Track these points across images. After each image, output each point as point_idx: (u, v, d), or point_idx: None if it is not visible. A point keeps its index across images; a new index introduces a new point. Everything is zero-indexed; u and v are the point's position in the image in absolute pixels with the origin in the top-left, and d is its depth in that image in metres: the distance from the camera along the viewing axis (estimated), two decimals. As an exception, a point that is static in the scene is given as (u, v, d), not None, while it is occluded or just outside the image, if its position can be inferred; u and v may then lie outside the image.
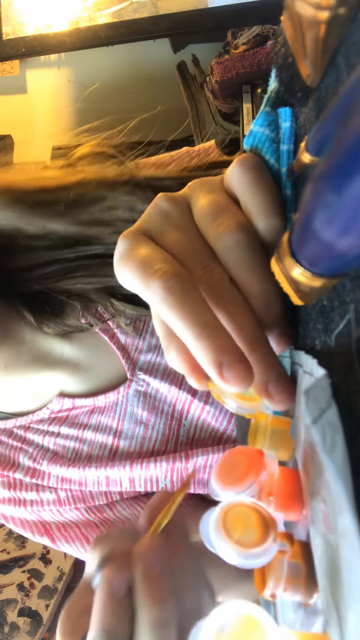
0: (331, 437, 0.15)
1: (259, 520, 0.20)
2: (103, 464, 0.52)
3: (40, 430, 0.54)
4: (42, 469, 0.53)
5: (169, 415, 0.53)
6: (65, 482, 0.53)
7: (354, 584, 0.13)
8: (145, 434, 0.53)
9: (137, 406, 0.53)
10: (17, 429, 0.54)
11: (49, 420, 0.54)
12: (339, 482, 0.14)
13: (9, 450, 0.54)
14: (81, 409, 0.53)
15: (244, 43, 1.08)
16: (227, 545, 0.19)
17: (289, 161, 0.26)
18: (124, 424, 0.53)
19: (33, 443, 0.54)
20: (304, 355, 0.21)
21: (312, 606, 0.19)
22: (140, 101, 1.50)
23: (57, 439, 0.53)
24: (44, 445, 0.54)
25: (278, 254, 0.20)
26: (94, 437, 0.53)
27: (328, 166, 0.14)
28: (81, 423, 0.53)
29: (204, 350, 0.21)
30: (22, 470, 0.53)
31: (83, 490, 0.53)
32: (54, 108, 1.58)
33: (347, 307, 0.18)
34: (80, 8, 1.11)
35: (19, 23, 1.15)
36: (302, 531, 0.21)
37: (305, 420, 0.18)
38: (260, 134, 0.27)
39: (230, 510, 0.20)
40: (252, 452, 0.24)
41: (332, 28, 0.18)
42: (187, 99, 1.25)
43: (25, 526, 0.54)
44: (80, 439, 0.53)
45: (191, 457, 0.51)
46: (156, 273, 0.23)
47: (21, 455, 0.53)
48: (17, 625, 1.02)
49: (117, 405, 0.53)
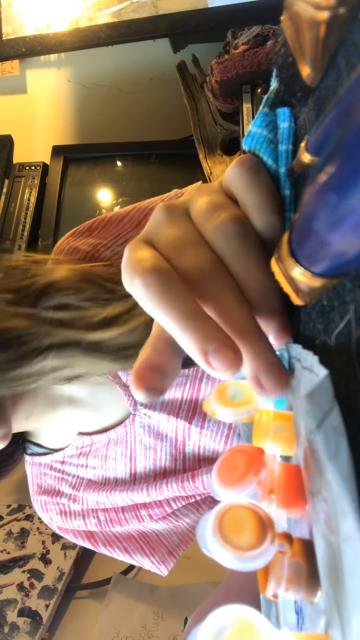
0: (335, 441, 0.15)
1: (256, 522, 0.20)
2: (126, 486, 0.60)
3: (73, 463, 0.63)
4: (80, 495, 0.62)
5: (172, 439, 0.59)
6: (99, 504, 0.62)
7: (359, 590, 0.13)
8: (155, 456, 0.60)
9: (143, 435, 0.59)
10: (55, 463, 0.63)
11: (77, 455, 0.62)
12: (343, 486, 0.14)
13: (54, 480, 0.64)
14: (99, 443, 0.61)
15: (244, 43, 1.08)
16: (223, 550, 0.19)
17: (288, 161, 0.26)
18: (136, 451, 0.60)
19: (70, 474, 0.63)
20: (302, 350, 0.21)
21: (316, 605, 0.19)
22: (141, 101, 1.50)
23: (87, 469, 0.62)
24: (79, 476, 0.63)
25: (278, 254, 0.20)
26: (115, 465, 0.61)
27: (328, 166, 0.14)
28: (102, 454, 0.61)
29: (190, 341, 0.21)
30: (66, 497, 0.62)
31: (117, 509, 0.62)
32: (54, 108, 1.58)
33: (347, 307, 0.18)
34: (80, 8, 1.11)
35: (19, 23, 1.15)
36: (307, 527, 0.21)
37: (310, 425, 0.18)
38: (258, 134, 0.27)
39: (227, 513, 0.20)
40: (251, 450, 0.23)
41: (332, 28, 0.18)
42: (187, 99, 1.25)
43: (75, 534, 0.64)
44: (104, 467, 0.62)
45: (197, 476, 0.58)
46: (137, 271, 0.23)
47: (63, 483, 0.63)
48: (17, 625, 1.01)
49: (127, 435, 0.60)
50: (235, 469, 0.23)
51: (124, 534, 0.63)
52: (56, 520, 0.64)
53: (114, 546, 0.62)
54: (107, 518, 0.62)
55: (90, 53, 1.31)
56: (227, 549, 0.19)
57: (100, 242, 0.59)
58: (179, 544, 0.63)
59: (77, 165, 1.36)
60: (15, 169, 1.36)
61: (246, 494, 0.22)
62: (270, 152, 0.27)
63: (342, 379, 0.17)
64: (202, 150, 1.21)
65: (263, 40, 1.07)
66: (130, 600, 1.07)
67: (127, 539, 0.62)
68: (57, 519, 0.64)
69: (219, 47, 1.18)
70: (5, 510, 1.28)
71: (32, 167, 1.35)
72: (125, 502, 0.61)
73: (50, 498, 0.63)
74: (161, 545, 0.62)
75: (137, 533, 0.63)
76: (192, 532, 0.63)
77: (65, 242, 0.60)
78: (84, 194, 1.34)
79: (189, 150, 1.25)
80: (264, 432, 0.24)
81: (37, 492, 0.65)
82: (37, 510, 0.65)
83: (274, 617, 0.25)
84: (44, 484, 0.64)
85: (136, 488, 0.59)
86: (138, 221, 0.60)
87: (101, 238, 0.59)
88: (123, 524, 0.62)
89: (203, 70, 1.25)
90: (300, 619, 0.22)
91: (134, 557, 0.62)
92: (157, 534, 0.63)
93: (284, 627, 0.23)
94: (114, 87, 1.52)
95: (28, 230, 1.29)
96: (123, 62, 1.49)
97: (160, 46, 1.40)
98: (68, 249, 0.59)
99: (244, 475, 0.22)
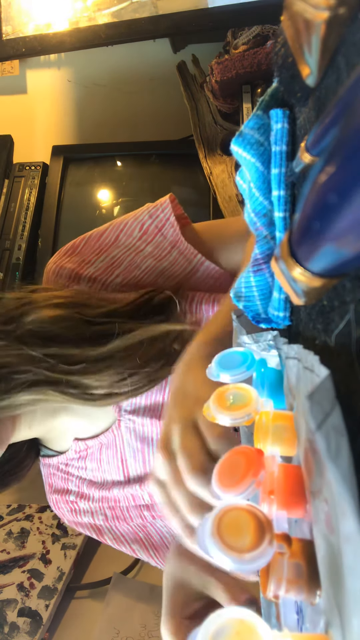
0: (335, 442, 0.15)
1: (254, 524, 0.20)
2: (122, 485, 0.64)
3: (74, 465, 0.67)
4: (86, 492, 0.66)
5: (158, 441, 0.61)
6: (104, 500, 0.66)
7: (359, 591, 0.13)
8: (144, 459, 0.63)
9: (130, 438, 0.63)
10: (61, 465, 0.68)
11: (77, 458, 0.67)
12: (343, 486, 0.14)
13: (61, 480, 0.69)
14: (93, 447, 0.65)
15: (244, 43, 1.08)
16: (221, 552, 0.19)
17: (282, 162, 0.26)
18: (126, 454, 0.64)
19: (74, 475, 0.68)
20: (303, 350, 0.21)
21: (316, 605, 0.19)
22: (141, 101, 1.50)
23: (86, 471, 0.67)
24: (81, 477, 0.67)
25: (278, 254, 0.20)
26: (109, 467, 0.65)
27: (328, 166, 0.14)
28: (97, 458, 0.66)
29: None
30: (74, 494, 0.67)
31: (119, 505, 0.65)
32: (54, 108, 1.58)
33: (347, 307, 0.18)
34: (80, 8, 1.11)
35: (19, 23, 1.15)
36: (307, 528, 0.21)
37: (310, 426, 0.18)
38: (249, 136, 0.27)
39: (225, 515, 0.20)
40: (250, 451, 0.23)
41: (332, 28, 0.18)
42: (187, 99, 1.25)
43: (86, 528, 0.68)
44: (100, 469, 0.66)
45: None
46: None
47: (69, 483, 0.68)
48: (17, 625, 1.01)
49: (115, 439, 0.64)
50: (234, 471, 0.23)
51: (131, 534, 0.66)
52: (68, 516, 0.69)
53: (122, 544, 0.67)
54: (114, 515, 0.65)
55: (90, 53, 1.31)
56: (225, 551, 0.19)
57: (84, 260, 0.66)
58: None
59: (77, 165, 1.36)
60: (15, 169, 1.36)
61: (246, 495, 0.22)
62: (260, 155, 0.27)
63: (343, 379, 0.17)
64: (202, 150, 1.21)
65: (263, 40, 1.07)
66: (130, 600, 1.07)
67: (134, 541, 0.66)
68: (68, 516, 0.69)
69: (219, 47, 1.18)
70: (5, 510, 1.28)
71: (32, 167, 1.35)
72: (126, 499, 0.64)
73: (61, 497, 0.68)
74: (164, 547, 0.65)
75: (143, 532, 0.66)
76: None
77: (52, 263, 0.67)
78: (84, 194, 1.34)
79: (189, 150, 1.25)
80: (264, 433, 0.24)
81: (49, 491, 0.70)
82: (51, 506, 0.71)
83: (274, 617, 0.25)
84: (54, 484, 0.70)
85: (131, 486, 0.63)
86: (116, 236, 0.66)
87: (84, 255, 0.66)
88: (129, 521, 0.65)
89: (203, 70, 1.25)
90: (300, 619, 0.22)
91: (140, 555, 0.67)
92: (161, 535, 0.66)
93: (284, 627, 0.23)
94: (113, 87, 1.52)
95: (28, 230, 1.29)
96: (123, 62, 1.49)
97: (160, 46, 1.40)
98: (55, 268, 0.65)
99: (243, 477, 0.22)
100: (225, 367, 0.29)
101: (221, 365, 0.29)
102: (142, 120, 1.49)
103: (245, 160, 0.29)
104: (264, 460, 0.23)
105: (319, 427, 0.16)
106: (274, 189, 0.27)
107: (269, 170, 0.27)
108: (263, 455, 0.23)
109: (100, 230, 0.67)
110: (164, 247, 0.65)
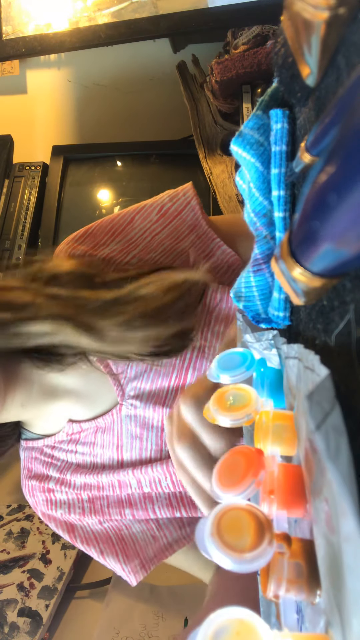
0: (335, 442, 0.15)
1: (254, 523, 0.20)
2: (113, 470, 0.62)
3: (62, 448, 0.65)
4: (68, 478, 0.64)
5: (159, 429, 0.61)
6: (86, 487, 0.63)
7: (359, 590, 0.13)
8: (142, 445, 0.62)
9: (130, 424, 0.62)
10: (46, 448, 0.66)
11: (67, 441, 0.65)
12: (343, 486, 0.14)
13: (42, 465, 0.66)
14: (88, 430, 0.64)
15: (244, 43, 1.08)
16: (220, 552, 0.19)
17: (282, 162, 0.26)
18: (123, 439, 0.62)
19: (59, 459, 0.66)
20: (304, 350, 0.21)
21: (316, 605, 0.19)
22: (141, 101, 1.50)
23: (76, 455, 0.65)
24: (68, 460, 0.65)
25: (278, 254, 0.20)
26: (102, 452, 0.64)
27: (328, 166, 0.14)
28: (90, 441, 0.64)
29: None
30: (53, 481, 0.65)
31: (101, 494, 0.63)
32: (54, 108, 1.58)
33: (347, 307, 0.18)
34: (80, 8, 1.11)
35: (19, 23, 1.15)
36: (307, 528, 0.21)
37: (310, 425, 0.18)
38: (249, 136, 0.27)
39: (225, 515, 0.20)
40: (250, 451, 0.23)
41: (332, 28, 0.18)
42: (187, 99, 1.25)
43: (57, 523, 0.65)
44: (92, 453, 0.64)
45: None
46: None
47: (51, 468, 0.65)
48: (17, 625, 1.01)
49: (114, 424, 0.63)
50: (234, 470, 0.23)
51: (103, 535, 0.63)
52: (41, 507, 0.66)
53: (91, 545, 0.63)
54: (92, 509, 0.63)
55: (90, 53, 1.31)
56: (225, 551, 0.19)
57: (97, 242, 0.64)
58: (153, 558, 0.62)
59: (77, 165, 1.36)
60: (15, 169, 1.36)
61: (246, 495, 0.22)
62: (260, 155, 0.27)
63: (343, 379, 0.17)
64: (202, 150, 1.21)
65: (263, 40, 1.07)
66: (130, 600, 1.07)
67: (105, 541, 0.63)
68: (42, 506, 0.66)
69: (219, 47, 1.18)
70: (5, 510, 1.28)
71: (32, 167, 1.35)
72: (111, 486, 0.62)
73: (39, 483, 0.65)
74: (136, 556, 0.62)
75: (116, 536, 0.63)
76: (168, 549, 0.63)
77: (64, 245, 0.65)
78: (84, 194, 1.34)
79: (189, 150, 1.25)
80: (264, 433, 0.24)
81: (27, 475, 0.67)
82: (25, 493, 0.68)
83: (274, 617, 0.25)
84: (33, 468, 0.67)
85: (122, 471, 0.61)
86: (131, 218, 0.65)
87: (98, 237, 0.65)
88: (106, 517, 0.63)
89: (203, 70, 1.25)
90: (300, 619, 0.22)
91: (107, 560, 0.63)
92: (134, 540, 0.63)
93: (284, 627, 0.23)
94: (113, 87, 1.52)
95: (28, 230, 1.29)
96: (123, 62, 1.49)
97: (160, 46, 1.40)
98: (67, 248, 0.64)
99: (243, 476, 0.22)
100: (225, 368, 0.29)
101: (221, 366, 0.29)
102: (142, 120, 1.49)
103: (245, 160, 0.29)
104: (264, 459, 0.23)
105: (318, 427, 0.16)
106: (273, 189, 0.27)
107: (269, 171, 0.27)
108: (263, 454, 0.23)
109: (112, 216, 0.66)
110: (182, 230, 0.65)
